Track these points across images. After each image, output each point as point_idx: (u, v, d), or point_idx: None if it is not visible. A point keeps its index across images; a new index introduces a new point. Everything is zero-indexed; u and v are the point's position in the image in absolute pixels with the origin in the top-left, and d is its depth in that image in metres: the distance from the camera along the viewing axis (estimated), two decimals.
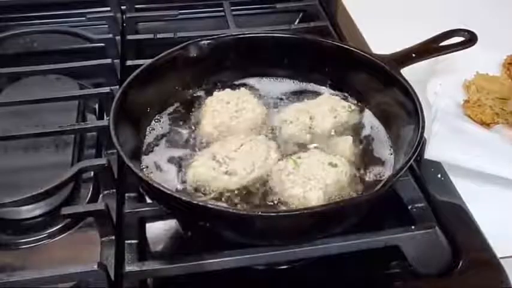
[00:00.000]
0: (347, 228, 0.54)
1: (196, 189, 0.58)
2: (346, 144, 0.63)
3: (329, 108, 0.67)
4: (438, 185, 0.65)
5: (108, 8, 0.96)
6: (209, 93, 0.70)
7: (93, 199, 0.64)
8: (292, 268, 0.58)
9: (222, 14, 0.95)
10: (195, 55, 0.70)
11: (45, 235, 0.60)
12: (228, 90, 0.70)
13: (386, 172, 0.60)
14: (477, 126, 0.73)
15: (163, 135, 0.66)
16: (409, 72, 0.67)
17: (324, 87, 0.73)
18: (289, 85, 0.74)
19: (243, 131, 0.65)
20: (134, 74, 0.64)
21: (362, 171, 0.61)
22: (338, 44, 0.75)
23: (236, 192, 0.58)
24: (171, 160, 0.62)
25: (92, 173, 0.65)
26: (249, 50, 0.72)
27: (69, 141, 0.70)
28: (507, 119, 0.73)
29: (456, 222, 0.61)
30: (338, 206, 0.51)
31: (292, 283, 0.57)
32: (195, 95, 0.72)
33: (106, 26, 0.92)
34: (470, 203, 0.63)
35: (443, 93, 0.78)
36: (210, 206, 0.49)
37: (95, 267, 0.51)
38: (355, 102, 0.70)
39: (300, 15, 0.99)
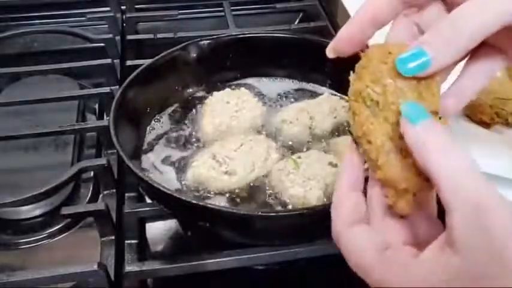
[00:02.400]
0: None
1: (196, 189, 0.58)
2: (346, 144, 0.63)
3: (329, 108, 0.67)
4: None
5: (108, 8, 0.96)
6: (209, 93, 0.70)
7: (93, 199, 0.64)
8: (292, 268, 0.58)
9: (222, 14, 0.95)
10: (195, 55, 0.70)
11: (45, 235, 0.60)
12: (228, 90, 0.70)
13: None
14: (477, 126, 0.73)
15: (163, 135, 0.66)
16: None
17: (323, 87, 0.73)
18: (289, 85, 0.74)
19: (243, 131, 0.65)
20: (134, 74, 0.64)
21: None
22: None
23: (236, 192, 0.58)
24: (171, 160, 0.62)
25: (92, 173, 0.65)
26: (249, 50, 0.72)
27: (69, 141, 0.70)
28: (507, 119, 0.73)
29: None
30: None
31: (292, 283, 0.57)
32: (195, 95, 0.72)
33: (106, 26, 0.92)
34: None
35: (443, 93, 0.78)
36: (210, 206, 0.49)
37: (95, 267, 0.51)
38: None
39: (300, 15, 0.99)
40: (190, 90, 0.72)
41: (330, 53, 0.41)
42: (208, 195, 0.57)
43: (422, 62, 0.35)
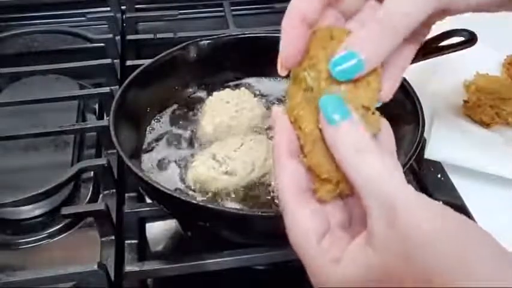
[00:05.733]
0: None
1: (196, 189, 0.58)
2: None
3: None
4: (438, 185, 0.65)
5: (108, 8, 0.96)
6: (209, 93, 0.70)
7: (93, 199, 0.64)
8: (292, 268, 0.58)
9: (222, 14, 0.95)
10: (195, 55, 0.70)
11: (45, 235, 0.60)
12: (228, 90, 0.70)
13: None
14: (477, 126, 0.73)
15: (163, 135, 0.66)
16: (409, 72, 0.67)
17: None
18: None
19: (243, 131, 0.65)
20: (134, 74, 0.64)
21: None
22: None
23: (236, 192, 0.58)
24: (170, 160, 0.62)
25: (92, 173, 0.65)
26: (249, 50, 0.72)
27: (69, 141, 0.70)
28: (507, 119, 0.73)
29: None
30: None
31: (292, 283, 0.57)
32: (195, 95, 0.72)
33: (106, 26, 0.92)
34: (470, 203, 0.63)
35: (443, 93, 0.78)
36: (210, 206, 0.49)
37: (95, 267, 0.51)
38: None
39: None
40: (190, 90, 0.72)
41: (283, 71, 0.40)
42: (208, 195, 0.57)
43: (354, 65, 0.35)
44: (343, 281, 0.32)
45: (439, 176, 0.67)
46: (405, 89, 0.61)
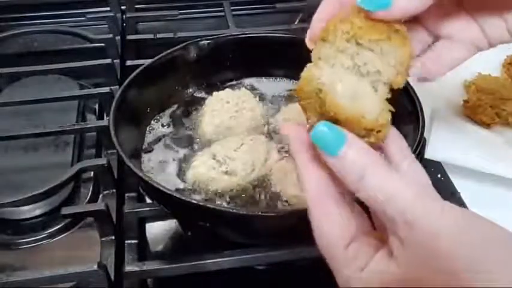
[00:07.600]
0: None
1: (196, 189, 0.58)
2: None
3: None
4: (438, 185, 0.65)
5: (108, 8, 0.96)
6: (209, 93, 0.70)
7: (93, 199, 0.64)
8: (292, 268, 0.58)
9: (222, 14, 0.95)
10: (195, 55, 0.70)
11: (45, 235, 0.61)
12: (228, 90, 0.70)
13: None
14: (477, 126, 0.73)
15: (163, 135, 0.66)
16: None
17: None
18: (289, 85, 0.74)
19: (243, 130, 0.65)
20: (134, 74, 0.64)
21: None
22: None
23: (236, 192, 0.58)
24: (170, 160, 0.62)
25: (92, 173, 0.65)
26: (249, 50, 0.72)
27: (69, 141, 0.70)
28: (507, 119, 0.73)
29: None
30: None
31: (292, 283, 0.57)
32: (195, 95, 0.72)
33: (106, 26, 0.92)
34: (470, 203, 0.63)
35: (443, 93, 0.78)
36: (210, 206, 0.49)
37: (95, 267, 0.51)
38: None
39: (300, 15, 0.99)
40: (190, 90, 0.72)
41: (311, 44, 0.41)
42: (208, 195, 0.57)
43: (382, 2, 0.35)
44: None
45: (439, 176, 0.67)
46: (405, 89, 0.61)
